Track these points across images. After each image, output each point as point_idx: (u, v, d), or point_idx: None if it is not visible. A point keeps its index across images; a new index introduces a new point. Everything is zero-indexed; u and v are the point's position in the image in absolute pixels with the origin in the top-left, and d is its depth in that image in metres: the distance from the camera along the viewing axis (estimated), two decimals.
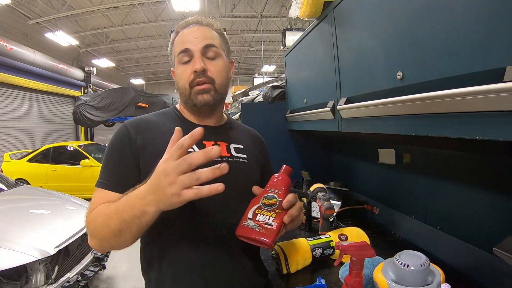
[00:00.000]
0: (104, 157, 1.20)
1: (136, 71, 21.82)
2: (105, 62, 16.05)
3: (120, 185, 1.10)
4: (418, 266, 1.05)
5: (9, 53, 9.98)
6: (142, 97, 12.22)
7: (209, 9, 12.24)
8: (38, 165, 8.41)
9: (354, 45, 1.55)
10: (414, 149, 1.86)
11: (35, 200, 4.35)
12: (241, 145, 1.34)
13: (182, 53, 1.21)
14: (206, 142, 1.23)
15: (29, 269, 2.85)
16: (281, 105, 2.97)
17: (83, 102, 11.88)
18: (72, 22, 12.77)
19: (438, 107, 0.98)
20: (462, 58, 0.89)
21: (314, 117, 2.15)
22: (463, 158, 1.52)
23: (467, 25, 0.86)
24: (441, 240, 1.61)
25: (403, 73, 1.15)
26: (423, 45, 1.04)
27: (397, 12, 1.16)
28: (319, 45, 1.99)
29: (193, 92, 1.21)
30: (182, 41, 1.23)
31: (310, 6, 1.78)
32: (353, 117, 1.60)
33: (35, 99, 12.04)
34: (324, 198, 1.85)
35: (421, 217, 1.81)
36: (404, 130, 1.19)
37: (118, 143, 1.18)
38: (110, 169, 1.16)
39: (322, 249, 1.60)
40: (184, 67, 1.22)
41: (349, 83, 1.63)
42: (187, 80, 1.21)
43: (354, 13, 1.52)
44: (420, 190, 1.84)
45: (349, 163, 2.79)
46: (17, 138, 11.04)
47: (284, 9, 13.09)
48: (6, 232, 3.10)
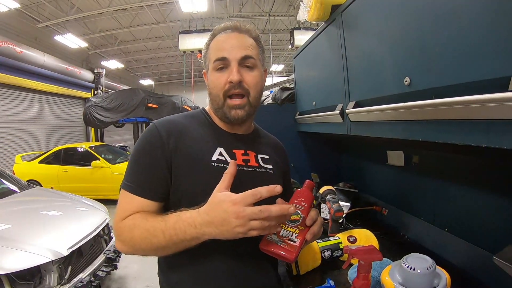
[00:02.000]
0: (131, 159, 1.18)
1: (145, 72, 21.94)
2: (114, 63, 16.18)
3: (150, 191, 1.12)
4: (425, 269, 1.07)
5: (19, 56, 10.10)
6: (152, 97, 12.23)
7: (217, 9, 12.26)
8: (50, 167, 8.49)
9: (362, 50, 1.55)
10: (423, 152, 1.86)
11: (47, 202, 4.40)
12: (267, 155, 1.35)
13: (218, 61, 1.18)
14: (236, 151, 1.24)
15: (43, 270, 2.90)
16: (290, 107, 2.98)
17: (93, 104, 11.95)
18: (81, 24, 12.90)
19: (445, 113, 0.98)
20: (469, 66, 0.89)
21: (323, 120, 2.16)
22: (471, 161, 1.52)
23: (474, 34, 0.87)
24: (449, 241, 1.62)
25: (411, 79, 1.15)
26: (430, 52, 1.05)
27: (405, 19, 1.17)
28: (327, 48, 2.00)
29: (227, 105, 1.20)
30: (219, 48, 1.20)
31: (318, 10, 1.79)
32: (361, 121, 1.60)
33: (45, 101, 12.18)
34: (333, 200, 1.86)
35: (429, 219, 1.81)
36: (412, 135, 1.20)
37: (148, 146, 1.16)
38: (140, 173, 1.15)
39: (331, 251, 1.63)
40: (218, 74, 1.19)
41: (358, 87, 1.64)
42: (221, 88, 1.19)
43: (362, 17, 1.53)
44: (429, 191, 1.83)
45: (358, 164, 2.79)
46: (28, 140, 11.16)
47: (292, 8, 13.06)
48: (20, 233, 3.14)
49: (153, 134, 1.17)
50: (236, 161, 1.15)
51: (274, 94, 3.14)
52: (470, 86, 0.88)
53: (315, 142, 3.05)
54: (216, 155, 1.18)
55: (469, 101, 0.86)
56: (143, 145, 1.17)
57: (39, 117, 11.84)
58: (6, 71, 9.84)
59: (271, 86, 4.54)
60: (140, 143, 1.18)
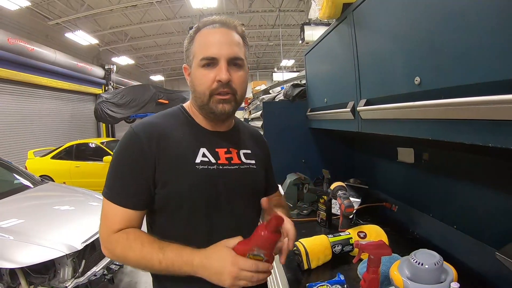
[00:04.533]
0: (112, 166, 1.16)
1: (156, 68, 22.03)
2: (125, 59, 16.26)
3: (133, 201, 1.13)
4: (432, 264, 1.10)
5: (31, 53, 10.24)
6: (162, 93, 12.30)
7: (227, 5, 12.27)
8: (62, 162, 8.58)
9: (373, 48, 1.57)
10: (433, 149, 1.86)
11: (60, 197, 4.48)
12: (249, 150, 1.35)
13: (206, 59, 1.15)
14: (218, 150, 1.24)
15: (57, 264, 2.96)
16: (301, 104, 2.99)
17: (104, 100, 12.04)
18: (91, 21, 12.99)
19: (454, 113, 1.00)
20: (478, 67, 0.91)
21: (334, 117, 2.18)
22: (480, 159, 1.52)
23: (484, 36, 0.88)
24: (457, 238, 1.62)
25: (421, 78, 1.17)
26: (441, 53, 1.06)
27: (416, 19, 1.18)
28: (338, 46, 2.01)
29: (213, 100, 1.17)
30: (206, 44, 1.16)
31: (330, 8, 1.80)
32: (372, 119, 1.62)
33: (57, 97, 12.32)
34: (344, 197, 1.87)
35: (438, 216, 1.82)
36: (421, 133, 1.21)
37: (129, 153, 1.14)
38: (122, 181, 1.14)
39: (341, 246, 1.64)
40: (205, 71, 1.16)
41: (369, 85, 1.65)
42: (208, 87, 1.16)
43: (373, 16, 1.54)
44: (438, 188, 1.84)
45: (369, 160, 2.80)
46: (40, 136, 11.32)
47: (302, 3, 13.00)
48: (34, 228, 3.20)
49: (133, 140, 1.15)
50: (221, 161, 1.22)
51: (286, 90, 3.15)
52: (479, 87, 0.89)
53: (326, 139, 3.06)
54: (199, 157, 1.18)
55: (477, 102, 0.88)
56: (124, 152, 1.16)
57: (51, 113, 12.00)
58: (18, 68, 9.98)
59: (282, 83, 4.55)
60: (120, 150, 1.16)
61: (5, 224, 3.22)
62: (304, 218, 2.35)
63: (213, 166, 1.20)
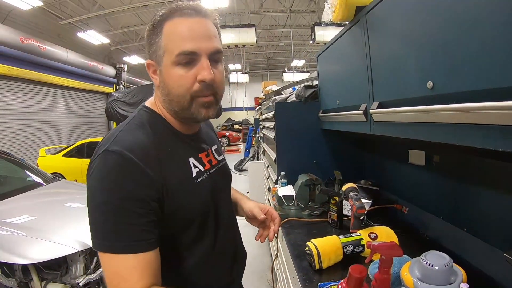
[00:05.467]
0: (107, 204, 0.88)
1: None
2: (136, 59, 16.37)
3: (151, 239, 0.91)
4: (442, 266, 1.12)
5: (43, 52, 10.40)
6: None
7: (238, 5, 12.28)
8: (73, 160, 8.64)
9: (387, 52, 1.57)
10: (444, 152, 1.86)
11: (71, 194, 4.50)
12: (215, 145, 1.31)
13: (184, 55, 0.96)
14: (201, 155, 1.17)
15: (69, 260, 2.99)
16: (314, 105, 2.99)
17: (115, 99, 12.10)
18: (103, 21, 13.13)
19: (466, 118, 1.00)
20: (492, 73, 0.91)
21: (346, 119, 2.18)
22: (492, 163, 1.52)
23: (499, 42, 0.88)
24: (467, 241, 1.63)
25: (434, 82, 1.17)
26: (455, 57, 1.06)
27: (431, 23, 1.18)
28: (351, 48, 2.02)
29: (195, 104, 1.01)
30: (183, 37, 0.97)
31: (343, 11, 1.80)
32: (385, 121, 1.62)
33: (68, 96, 12.48)
34: (355, 198, 1.88)
35: (448, 218, 1.82)
36: (433, 137, 1.22)
37: (130, 182, 0.89)
38: (130, 220, 0.88)
39: (352, 246, 1.66)
40: (183, 71, 0.98)
41: (382, 88, 1.66)
42: (188, 89, 0.99)
43: (386, 20, 1.54)
44: (449, 191, 1.84)
45: (379, 162, 2.80)
46: (52, 134, 11.47)
47: (312, 3, 13.02)
48: (46, 225, 3.24)
49: (130, 168, 0.90)
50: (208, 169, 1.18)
51: (298, 91, 3.16)
52: (492, 93, 0.90)
53: (338, 140, 3.05)
54: (194, 171, 1.09)
55: (491, 107, 0.89)
56: (120, 183, 0.89)
57: (63, 112, 12.16)
58: (31, 67, 10.13)
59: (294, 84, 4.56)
60: (115, 184, 0.89)
61: (18, 220, 3.26)
62: (316, 218, 2.37)
63: (204, 175, 1.13)
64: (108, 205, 0.87)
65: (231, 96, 20.00)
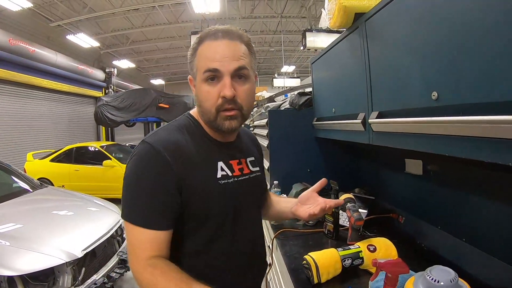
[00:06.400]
0: (132, 184, 1.10)
1: (156, 72, 22.03)
2: (126, 63, 16.23)
3: (163, 222, 1.08)
4: (448, 281, 1.09)
5: (32, 55, 10.22)
6: (163, 97, 12.30)
7: (229, 10, 12.26)
8: (61, 165, 8.55)
9: (387, 60, 1.54)
10: (442, 161, 1.84)
11: (58, 201, 4.42)
12: (252, 156, 1.39)
13: (209, 72, 1.11)
14: (232, 162, 1.27)
15: (57, 271, 2.91)
16: (308, 112, 2.96)
17: (104, 103, 12.04)
18: (93, 24, 12.99)
19: (474, 130, 0.99)
20: (501, 86, 0.90)
21: (343, 127, 2.15)
22: (490, 173, 1.51)
23: (508, 54, 0.87)
24: (466, 252, 1.61)
25: (439, 93, 1.16)
26: (462, 69, 1.05)
27: (437, 34, 1.16)
28: (349, 56, 1.99)
29: (219, 117, 1.15)
30: (209, 57, 1.12)
31: (341, 17, 1.78)
32: (385, 131, 1.60)
33: (57, 99, 12.29)
34: (353, 209, 1.85)
35: (446, 228, 1.81)
36: (438, 149, 1.20)
37: (155, 170, 1.08)
38: (149, 200, 1.07)
39: (351, 259, 1.63)
40: (209, 87, 1.13)
41: (381, 98, 1.63)
42: (213, 104, 1.13)
43: (388, 28, 1.52)
44: (447, 201, 1.82)
45: (375, 171, 2.77)
46: (40, 138, 11.27)
47: (303, 9, 13.04)
48: (33, 234, 3.15)
49: (156, 156, 1.08)
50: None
51: (292, 99, 3.13)
52: (500, 106, 0.89)
53: (332, 148, 3.03)
54: (219, 172, 1.20)
55: (499, 121, 0.88)
56: (146, 168, 1.09)
57: (51, 116, 11.96)
58: (19, 69, 9.94)
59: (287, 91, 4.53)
60: (141, 166, 1.10)
61: (3, 229, 3.16)
62: (311, 229, 2.31)
63: (231, 179, 1.22)
64: (134, 185, 1.09)
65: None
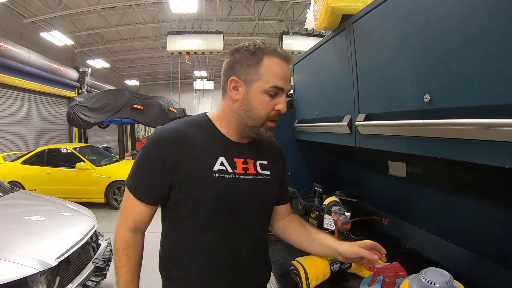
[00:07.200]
0: (137, 161, 1.28)
1: (131, 72, 21.77)
2: (100, 62, 16.00)
3: (149, 198, 1.26)
4: (444, 283, 1.09)
5: (4, 52, 9.89)
6: (138, 98, 12.09)
7: (207, 11, 12.21)
8: (33, 168, 8.28)
9: (377, 63, 1.53)
10: (426, 163, 1.86)
11: (30, 206, 4.24)
12: (265, 161, 1.40)
13: (276, 89, 1.22)
14: (237, 159, 1.30)
15: (30, 281, 2.76)
16: (288, 115, 2.90)
17: (77, 103, 11.74)
18: (67, 21, 12.70)
19: (469, 133, 0.99)
20: (495, 89, 0.91)
21: (327, 130, 2.13)
22: (474, 173, 1.54)
23: (502, 58, 0.87)
24: (452, 252, 1.64)
25: (431, 96, 1.15)
26: (455, 72, 1.05)
27: (431, 38, 1.15)
28: (334, 58, 1.97)
29: (266, 126, 1.27)
30: (279, 75, 1.22)
31: (328, 19, 1.75)
32: (373, 134, 1.59)
33: (29, 99, 11.92)
34: (339, 212, 1.84)
35: (432, 229, 1.83)
36: (430, 152, 1.20)
37: (152, 155, 1.25)
38: (142, 178, 1.26)
39: (339, 263, 1.63)
40: (269, 99, 1.23)
41: (369, 100, 1.62)
42: (267, 113, 1.24)
43: (377, 30, 1.50)
44: (431, 202, 1.85)
45: (357, 173, 2.77)
46: (10, 139, 10.91)
47: (281, 12, 13.12)
48: (4, 241, 2.99)
49: (156, 144, 1.24)
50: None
51: None
52: (494, 109, 0.90)
53: (312, 150, 3.02)
54: (217, 165, 1.25)
55: (494, 124, 0.89)
56: (147, 152, 1.26)
57: (22, 116, 11.58)
58: None
59: None
60: (145, 150, 1.27)
61: None
62: None
63: (229, 175, 1.26)
64: (137, 161, 1.28)
65: (196, 103, 19.96)
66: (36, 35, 11.91)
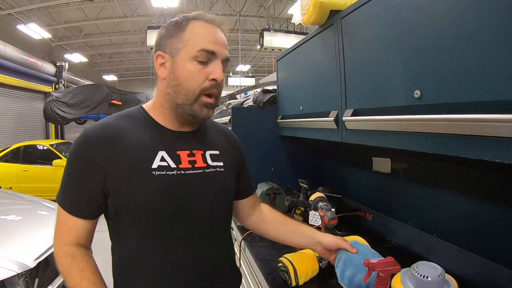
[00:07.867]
0: (65, 170, 1.09)
1: (109, 67, 21.41)
2: (78, 57, 15.67)
3: (84, 210, 1.08)
4: (436, 277, 1.10)
5: None
6: (116, 94, 11.90)
7: (188, 6, 12.12)
8: (8, 165, 8.05)
9: (365, 59, 1.52)
10: (411, 159, 1.88)
11: (5, 205, 4.09)
12: (217, 151, 1.25)
13: (205, 52, 1.06)
14: (180, 152, 1.14)
15: (8, 284, 2.67)
16: (271, 110, 2.92)
17: (54, 99, 11.46)
18: (45, 14, 12.35)
19: (460, 129, 1.00)
20: (486, 86, 0.92)
21: (312, 125, 2.12)
22: (459, 169, 1.57)
23: (495, 56, 0.89)
24: (438, 246, 1.66)
25: (422, 92, 1.16)
26: (447, 69, 1.05)
27: (422, 34, 1.16)
28: (321, 53, 1.96)
29: (199, 102, 1.09)
30: (206, 38, 1.07)
31: (316, 14, 1.75)
32: (360, 129, 1.59)
33: (4, 94, 11.60)
34: (326, 208, 1.83)
35: (417, 224, 1.85)
36: (420, 147, 1.20)
37: (79, 159, 1.07)
38: (73, 189, 1.08)
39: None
40: (199, 67, 1.06)
41: (357, 96, 1.62)
42: (199, 84, 1.07)
43: (367, 26, 1.50)
44: (416, 198, 1.87)
45: (340, 169, 2.78)
46: None
47: (262, 9, 13.12)
48: None
49: (82, 144, 1.07)
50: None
51: (256, 96, 3.08)
52: (485, 105, 0.92)
53: (297, 147, 3.01)
54: (157, 162, 1.08)
55: (486, 119, 0.91)
56: (73, 157, 1.08)
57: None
58: None
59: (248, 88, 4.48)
60: (71, 154, 1.09)
61: None
62: None
63: (173, 172, 1.10)
64: (66, 170, 1.09)
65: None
66: (13, 28, 11.55)
